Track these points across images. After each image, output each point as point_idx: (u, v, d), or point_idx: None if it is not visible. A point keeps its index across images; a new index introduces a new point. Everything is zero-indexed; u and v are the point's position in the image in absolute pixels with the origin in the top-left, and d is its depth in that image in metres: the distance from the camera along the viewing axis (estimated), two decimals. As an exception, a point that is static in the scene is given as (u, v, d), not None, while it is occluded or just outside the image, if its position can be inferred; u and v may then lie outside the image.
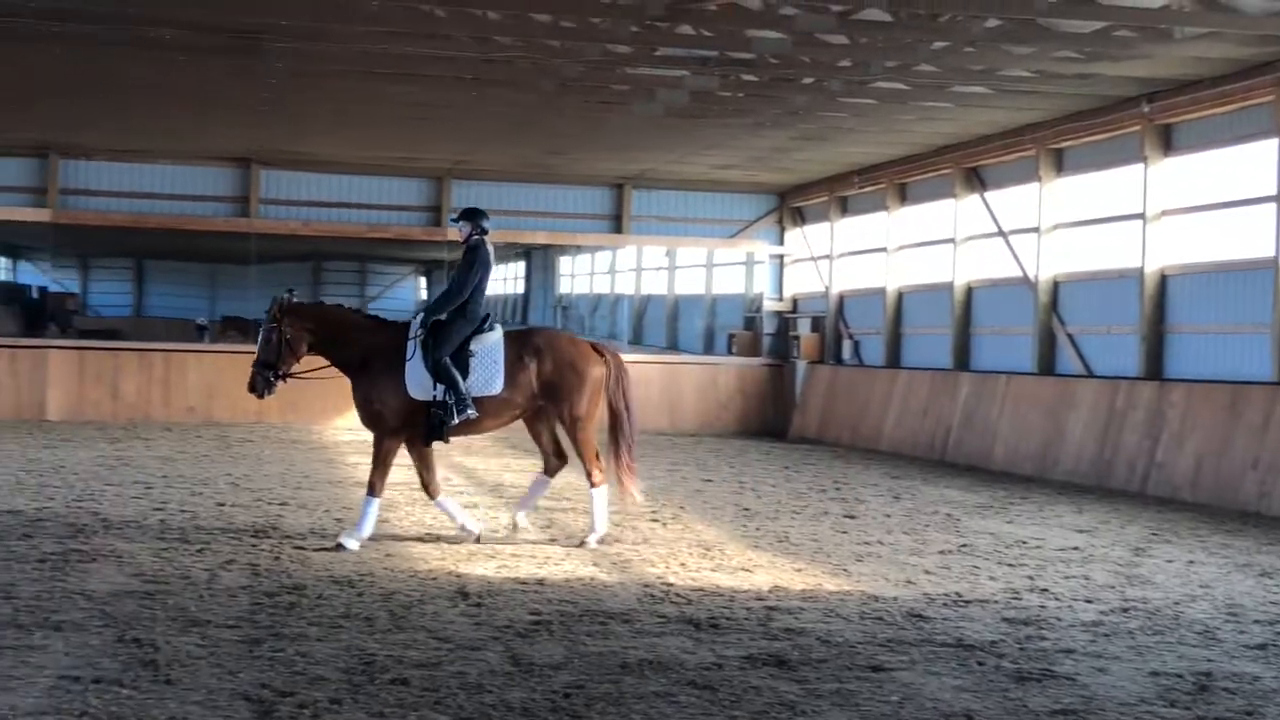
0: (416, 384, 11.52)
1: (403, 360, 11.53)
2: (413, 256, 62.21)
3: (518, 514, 12.43)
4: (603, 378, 12.06)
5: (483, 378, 11.63)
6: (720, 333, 32.61)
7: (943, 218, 24.07)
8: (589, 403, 11.97)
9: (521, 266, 53.60)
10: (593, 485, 11.98)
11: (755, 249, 29.74)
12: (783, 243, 29.66)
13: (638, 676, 7.32)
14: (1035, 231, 21.17)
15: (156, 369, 25.56)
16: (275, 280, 50.32)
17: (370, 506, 11.49)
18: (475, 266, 11.76)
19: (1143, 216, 18.71)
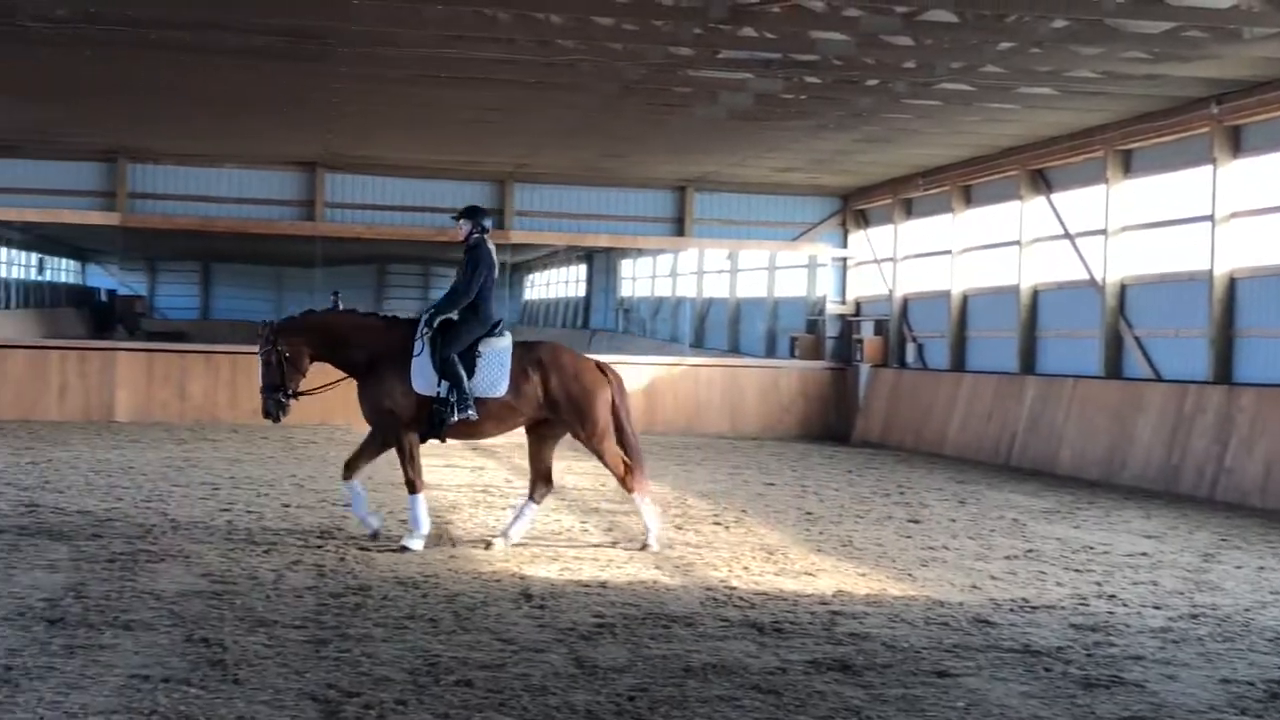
0: (422, 379, 11.50)
1: (409, 356, 11.52)
2: (475, 259, 62.50)
3: (499, 538, 11.74)
4: (610, 395, 11.95)
5: (488, 379, 11.57)
6: (782, 336, 32.51)
7: (1008, 220, 23.89)
8: (603, 418, 11.84)
9: (583, 270, 53.65)
10: (630, 492, 11.98)
11: (818, 252, 29.63)
12: (846, 245, 29.54)
13: (701, 680, 7.31)
14: (1102, 234, 20.97)
15: (223, 371, 25.77)
16: (340, 282, 50.79)
17: (416, 504, 11.56)
18: (479, 266, 11.72)
19: (1211, 218, 18.49)
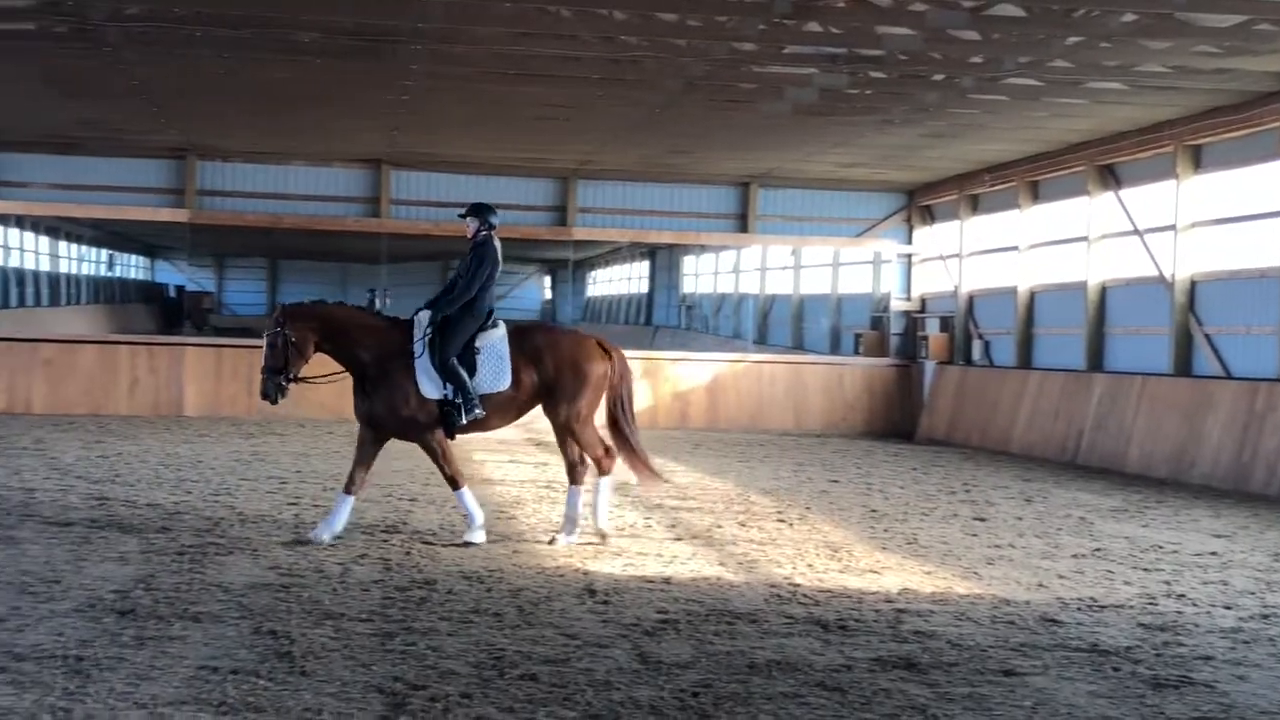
0: (428, 383, 11.50)
1: (411, 361, 11.50)
2: (538, 256, 62.73)
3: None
4: (606, 375, 11.92)
5: (491, 374, 11.57)
6: (846, 332, 32.37)
7: (1076, 216, 23.68)
8: (588, 403, 11.82)
9: (646, 266, 53.67)
10: (601, 473, 11.89)
11: (882, 248, 29.51)
12: (911, 241, 29.38)
13: (766, 677, 7.30)
14: (1172, 229, 20.72)
15: (290, 366, 25.93)
16: (405, 279, 51.13)
17: (463, 498, 11.62)
18: (484, 263, 11.72)
19: (1284, 214, 18.27)
